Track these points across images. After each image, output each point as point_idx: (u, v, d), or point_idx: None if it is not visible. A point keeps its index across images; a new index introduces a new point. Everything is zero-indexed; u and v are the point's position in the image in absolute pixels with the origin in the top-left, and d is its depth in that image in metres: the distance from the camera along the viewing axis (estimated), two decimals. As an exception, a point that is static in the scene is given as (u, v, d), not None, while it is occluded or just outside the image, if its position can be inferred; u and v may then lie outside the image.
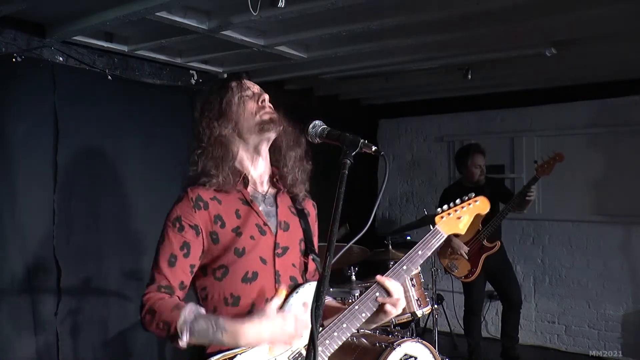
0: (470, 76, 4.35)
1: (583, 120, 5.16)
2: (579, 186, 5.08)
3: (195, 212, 1.63)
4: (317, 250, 1.83)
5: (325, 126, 1.66)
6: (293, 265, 1.74)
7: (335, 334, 1.60)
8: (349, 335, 1.62)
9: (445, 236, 1.84)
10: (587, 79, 4.98)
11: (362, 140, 1.54)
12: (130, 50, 3.64)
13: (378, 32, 3.35)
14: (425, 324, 5.51)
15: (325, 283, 1.37)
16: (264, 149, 1.78)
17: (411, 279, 3.62)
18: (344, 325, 1.61)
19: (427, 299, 3.75)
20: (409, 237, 5.75)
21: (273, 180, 1.81)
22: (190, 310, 1.50)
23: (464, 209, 1.90)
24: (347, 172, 1.49)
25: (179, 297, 1.61)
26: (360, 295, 3.56)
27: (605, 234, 5.07)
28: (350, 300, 2.73)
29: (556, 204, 5.20)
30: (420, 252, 1.77)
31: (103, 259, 3.66)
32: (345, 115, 5.94)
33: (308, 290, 1.67)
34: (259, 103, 1.77)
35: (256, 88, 1.81)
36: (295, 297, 1.65)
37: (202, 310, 1.54)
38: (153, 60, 3.95)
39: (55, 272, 3.38)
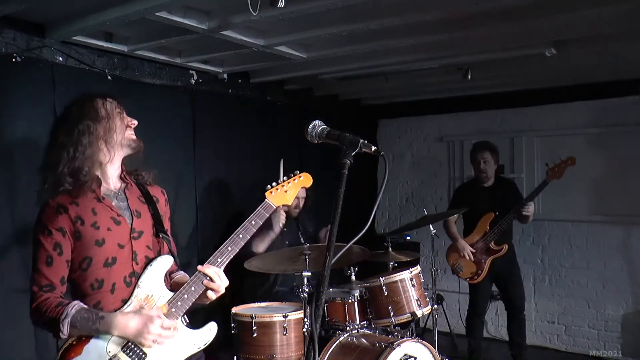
0: (470, 76, 4.35)
1: (583, 120, 5.16)
2: (579, 186, 5.08)
3: (58, 217, 1.86)
4: (168, 232, 2.11)
5: (325, 126, 1.66)
6: (147, 247, 2.00)
7: (179, 303, 1.92)
8: (188, 305, 1.94)
9: (274, 207, 2.15)
10: (587, 79, 4.98)
11: (361, 141, 1.55)
12: (130, 50, 3.64)
13: (378, 32, 3.35)
14: (425, 324, 5.51)
15: (325, 283, 1.38)
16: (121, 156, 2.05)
17: (411, 279, 3.62)
18: (185, 296, 1.93)
19: (427, 299, 3.75)
20: (408, 237, 5.75)
21: (122, 177, 2.06)
22: (72, 305, 1.79)
23: (290, 184, 2.21)
24: (346, 172, 1.49)
25: (61, 292, 1.87)
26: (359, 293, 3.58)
27: (605, 234, 5.08)
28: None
29: (556, 204, 5.19)
30: (253, 222, 2.07)
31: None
32: (345, 115, 5.94)
33: (160, 263, 1.98)
34: (126, 122, 2.05)
35: (120, 108, 2.05)
36: (149, 270, 1.95)
37: (84, 305, 1.83)
38: (153, 60, 3.95)
39: (55, 272, 3.38)
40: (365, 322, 3.55)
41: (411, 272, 3.65)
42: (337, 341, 3.18)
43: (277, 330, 3.15)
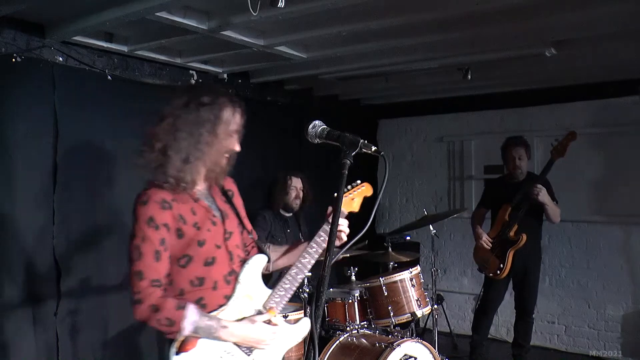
0: (470, 76, 4.35)
1: (583, 120, 5.16)
2: (579, 186, 5.08)
3: (164, 212, 1.83)
4: (245, 221, 2.16)
5: (325, 126, 1.66)
6: (237, 246, 2.03)
7: (278, 299, 1.99)
8: (287, 299, 2.01)
9: (346, 213, 2.18)
10: (587, 79, 4.98)
11: (361, 141, 1.55)
12: (130, 51, 3.64)
13: (378, 32, 3.35)
14: (425, 324, 5.51)
15: (325, 283, 1.38)
16: None
17: (411, 279, 3.63)
18: (282, 293, 2.00)
19: (427, 299, 3.75)
20: (408, 237, 5.75)
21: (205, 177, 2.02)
22: (193, 310, 1.79)
23: (355, 192, 2.28)
24: (347, 173, 1.50)
25: (165, 289, 1.83)
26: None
27: (605, 234, 5.08)
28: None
29: (556, 204, 5.19)
30: (327, 228, 2.08)
31: (103, 259, 3.66)
32: (345, 115, 5.95)
33: (256, 262, 2.02)
34: (238, 139, 1.99)
35: (240, 122, 1.99)
36: (247, 268, 1.99)
37: (201, 310, 1.82)
38: (153, 61, 3.95)
39: (55, 272, 3.38)
40: (365, 322, 3.56)
41: (411, 272, 3.65)
42: (337, 341, 3.18)
43: (277, 330, 3.15)
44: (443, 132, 6.04)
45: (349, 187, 2.26)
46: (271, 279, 4.08)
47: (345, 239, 2.11)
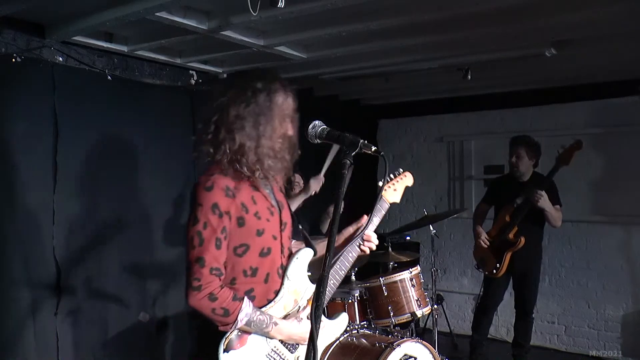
0: (470, 76, 4.34)
1: (583, 120, 5.16)
2: (579, 186, 5.08)
3: (227, 200, 1.79)
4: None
5: (325, 126, 1.66)
6: (289, 238, 2.03)
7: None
8: (328, 297, 2.06)
9: (389, 204, 2.20)
10: (587, 79, 4.98)
11: (361, 141, 1.55)
12: (130, 51, 3.64)
13: (378, 32, 3.35)
14: (425, 324, 5.51)
15: (325, 283, 1.38)
16: None
17: (411, 279, 3.62)
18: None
19: (427, 299, 3.75)
20: (408, 237, 5.75)
21: None
22: (248, 303, 1.79)
23: (398, 182, 2.25)
24: (346, 173, 1.50)
25: (221, 277, 1.80)
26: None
27: (605, 234, 5.08)
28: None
29: (556, 204, 5.19)
30: (374, 220, 2.15)
31: (103, 259, 3.66)
32: (345, 116, 5.94)
33: (303, 256, 2.00)
34: (293, 127, 1.95)
35: (293, 106, 1.96)
36: (295, 263, 1.97)
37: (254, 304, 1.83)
38: (153, 61, 3.95)
39: (55, 272, 3.38)
40: (365, 322, 3.55)
41: (411, 272, 3.65)
42: (337, 341, 3.18)
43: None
44: (443, 132, 6.04)
45: (391, 176, 2.24)
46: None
47: (368, 251, 2.14)
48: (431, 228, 4.35)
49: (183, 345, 4.15)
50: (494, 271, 4.34)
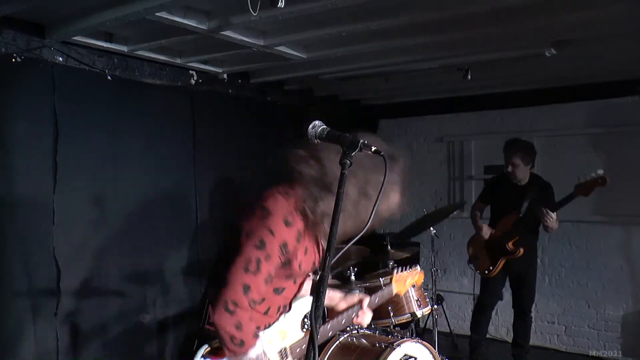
0: (470, 76, 4.34)
1: (583, 120, 5.16)
2: (579, 186, 5.08)
3: (295, 243, 1.80)
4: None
5: (325, 127, 1.66)
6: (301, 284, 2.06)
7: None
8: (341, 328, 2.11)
9: (394, 293, 2.32)
10: (587, 79, 4.98)
11: (361, 141, 1.55)
12: (130, 51, 3.64)
13: (378, 32, 3.35)
14: (425, 324, 5.51)
15: (325, 283, 1.38)
16: None
17: (411, 279, 3.62)
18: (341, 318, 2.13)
19: (427, 300, 3.75)
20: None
21: None
22: (260, 343, 1.80)
23: (410, 276, 2.37)
24: (346, 173, 1.49)
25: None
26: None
27: (605, 234, 5.07)
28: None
29: (556, 204, 5.18)
30: (376, 300, 2.26)
31: (103, 259, 3.66)
32: (345, 115, 5.94)
33: (303, 303, 2.04)
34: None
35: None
36: (295, 306, 2.01)
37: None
38: (153, 61, 3.95)
39: (55, 272, 3.38)
40: (365, 322, 3.55)
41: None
42: (337, 341, 3.18)
43: (277, 330, 3.15)
44: (443, 132, 6.04)
45: (409, 269, 2.36)
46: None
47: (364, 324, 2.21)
48: (431, 228, 4.35)
49: (183, 345, 4.15)
50: (486, 272, 4.40)
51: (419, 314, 3.59)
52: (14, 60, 3.16)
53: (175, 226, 4.18)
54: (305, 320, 2.04)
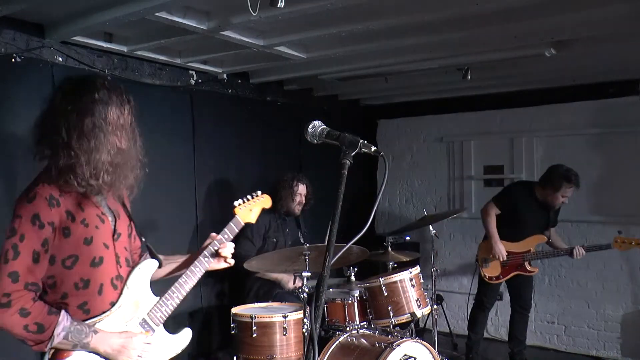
0: (470, 76, 4.35)
1: (583, 120, 5.16)
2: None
3: (50, 210, 1.72)
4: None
5: (324, 126, 1.66)
6: (125, 248, 1.95)
7: (163, 308, 1.98)
8: (171, 309, 2.00)
9: (242, 223, 2.23)
10: (587, 79, 4.98)
11: (361, 141, 1.55)
12: (130, 51, 3.64)
13: (378, 32, 3.35)
14: (425, 324, 5.51)
15: (324, 283, 1.38)
16: None
17: (411, 280, 3.62)
18: (167, 302, 2.00)
19: (427, 299, 3.75)
20: (408, 238, 5.74)
21: None
22: (65, 314, 1.71)
23: (254, 203, 2.31)
24: (346, 173, 1.49)
25: (39, 294, 1.74)
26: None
27: (605, 234, 5.06)
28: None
29: (556, 204, 5.18)
30: (225, 237, 2.16)
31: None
32: (345, 115, 5.95)
33: (146, 266, 1.98)
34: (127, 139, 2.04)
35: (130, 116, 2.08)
36: (136, 273, 1.93)
37: (71, 317, 1.74)
38: (152, 61, 3.95)
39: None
40: (364, 322, 3.55)
41: (411, 272, 3.64)
42: (337, 341, 3.18)
43: (276, 330, 3.15)
44: (443, 132, 6.04)
45: (248, 197, 2.30)
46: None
47: (230, 263, 2.15)
48: (431, 228, 4.35)
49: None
50: (493, 279, 4.48)
51: (418, 313, 3.59)
52: (13, 60, 3.16)
53: (175, 226, 4.18)
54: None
